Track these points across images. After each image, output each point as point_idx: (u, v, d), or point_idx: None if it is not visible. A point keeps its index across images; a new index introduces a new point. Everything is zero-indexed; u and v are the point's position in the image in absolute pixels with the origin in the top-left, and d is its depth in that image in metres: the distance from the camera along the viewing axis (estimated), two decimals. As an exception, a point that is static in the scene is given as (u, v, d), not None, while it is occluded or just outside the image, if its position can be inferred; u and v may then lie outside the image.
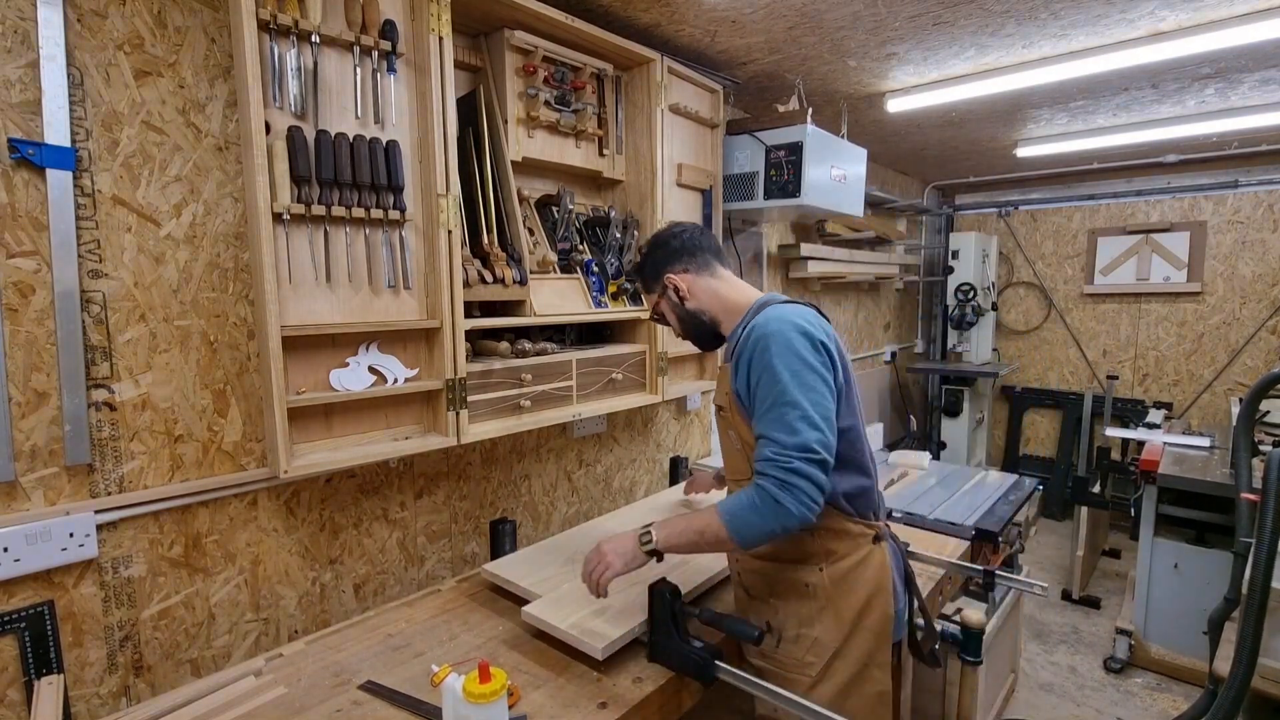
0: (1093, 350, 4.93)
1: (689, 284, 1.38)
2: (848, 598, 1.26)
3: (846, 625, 1.26)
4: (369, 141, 1.46)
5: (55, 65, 1.18)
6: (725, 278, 1.40)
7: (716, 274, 1.40)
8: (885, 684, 1.28)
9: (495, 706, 0.98)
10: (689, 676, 1.25)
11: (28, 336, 1.20)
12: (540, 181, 2.05)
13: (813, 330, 1.18)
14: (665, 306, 1.43)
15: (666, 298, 1.41)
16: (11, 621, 1.21)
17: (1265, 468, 1.77)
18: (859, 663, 1.26)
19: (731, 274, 1.42)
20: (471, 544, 2.03)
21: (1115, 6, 1.97)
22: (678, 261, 1.39)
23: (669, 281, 1.39)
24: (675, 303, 1.40)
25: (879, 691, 1.28)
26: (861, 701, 1.26)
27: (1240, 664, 1.77)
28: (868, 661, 1.27)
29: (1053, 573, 3.94)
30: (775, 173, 2.45)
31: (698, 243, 1.40)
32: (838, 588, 1.26)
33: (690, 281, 1.38)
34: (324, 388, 1.48)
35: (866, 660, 1.27)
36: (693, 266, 1.39)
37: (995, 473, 2.80)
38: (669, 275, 1.39)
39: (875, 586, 1.27)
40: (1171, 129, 3.34)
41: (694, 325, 1.40)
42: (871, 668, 1.27)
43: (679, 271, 1.39)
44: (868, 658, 1.27)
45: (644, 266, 1.45)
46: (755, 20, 2.04)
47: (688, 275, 1.38)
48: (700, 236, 1.42)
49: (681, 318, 1.41)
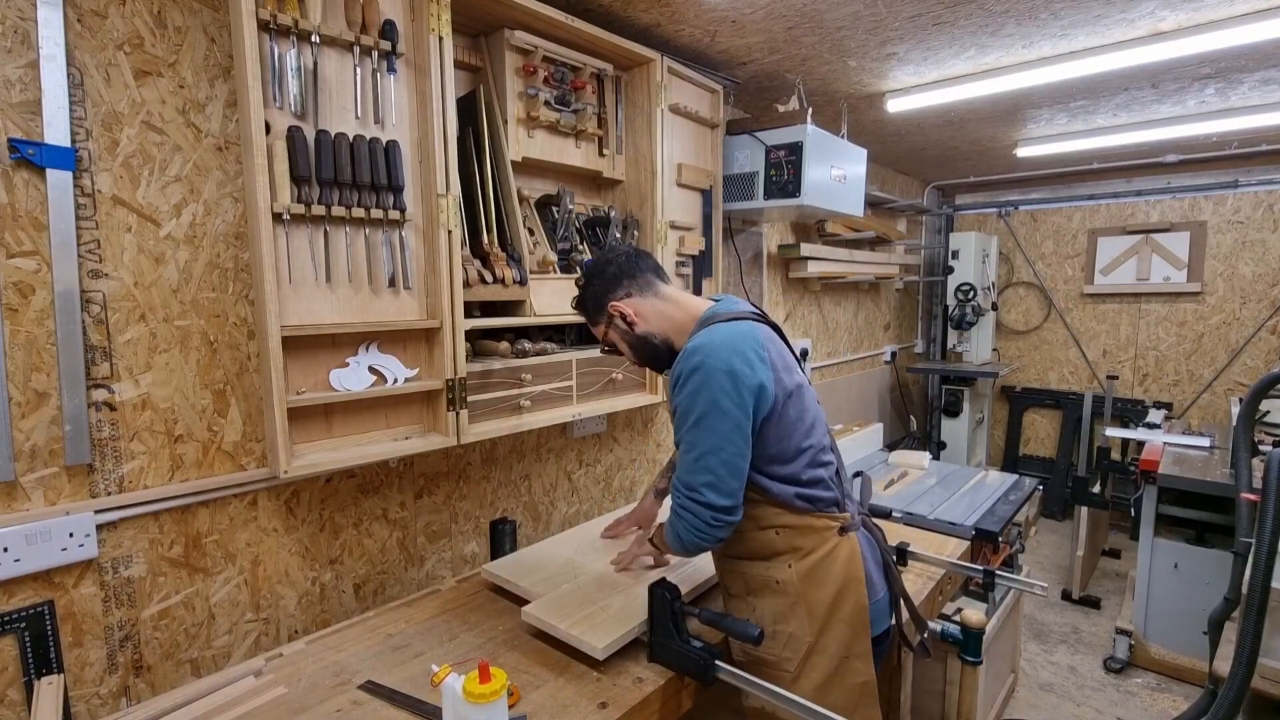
0: (1093, 350, 4.93)
1: (635, 308, 1.34)
2: (818, 591, 1.26)
3: (819, 619, 1.26)
4: (369, 141, 1.46)
5: (55, 65, 1.18)
6: (669, 295, 1.36)
7: (660, 293, 1.36)
8: (868, 674, 1.29)
9: (495, 706, 0.98)
10: (689, 676, 1.25)
11: (28, 336, 1.20)
12: (540, 181, 2.05)
13: (739, 369, 1.17)
14: (614, 336, 1.37)
15: (614, 327, 1.36)
16: (11, 621, 1.21)
17: (1265, 468, 1.77)
18: (837, 656, 1.27)
19: (675, 289, 1.39)
20: (471, 544, 2.03)
21: (1115, 6, 1.97)
22: (618, 288, 1.35)
23: (614, 310, 1.34)
24: (624, 329, 1.34)
25: (861, 682, 1.28)
26: (844, 694, 1.26)
27: (1240, 664, 1.77)
28: (846, 653, 1.27)
29: (1053, 573, 3.94)
30: (775, 173, 2.46)
31: (635, 265, 1.36)
32: (807, 582, 1.27)
33: (636, 305, 1.34)
34: (324, 388, 1.48)
35: (845, 652, 1.27)
36: (634, 289, 1.34)
37: (995, 473, 2.80)
38: (613, 304, 1.34)
39: (845, 578, 1.27)
40: (1171, 129, 3.34)
41: (647, 350, 1.36)
42: (851, 659, 1.27)
43: (621, 297, 1.34)
44: (845, 649, 1.27)
45: (585, 300, 1.39)
46: (755, 20, 2.04)
47: (632, 299, 1.34)
48: (636, 258, 1.37)
49: (633, 344, 1.36)
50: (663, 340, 1.34)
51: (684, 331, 1.31)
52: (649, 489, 1.83)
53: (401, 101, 1.54)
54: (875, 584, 1.33)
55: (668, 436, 2.78)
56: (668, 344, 1.34)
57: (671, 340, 1.34)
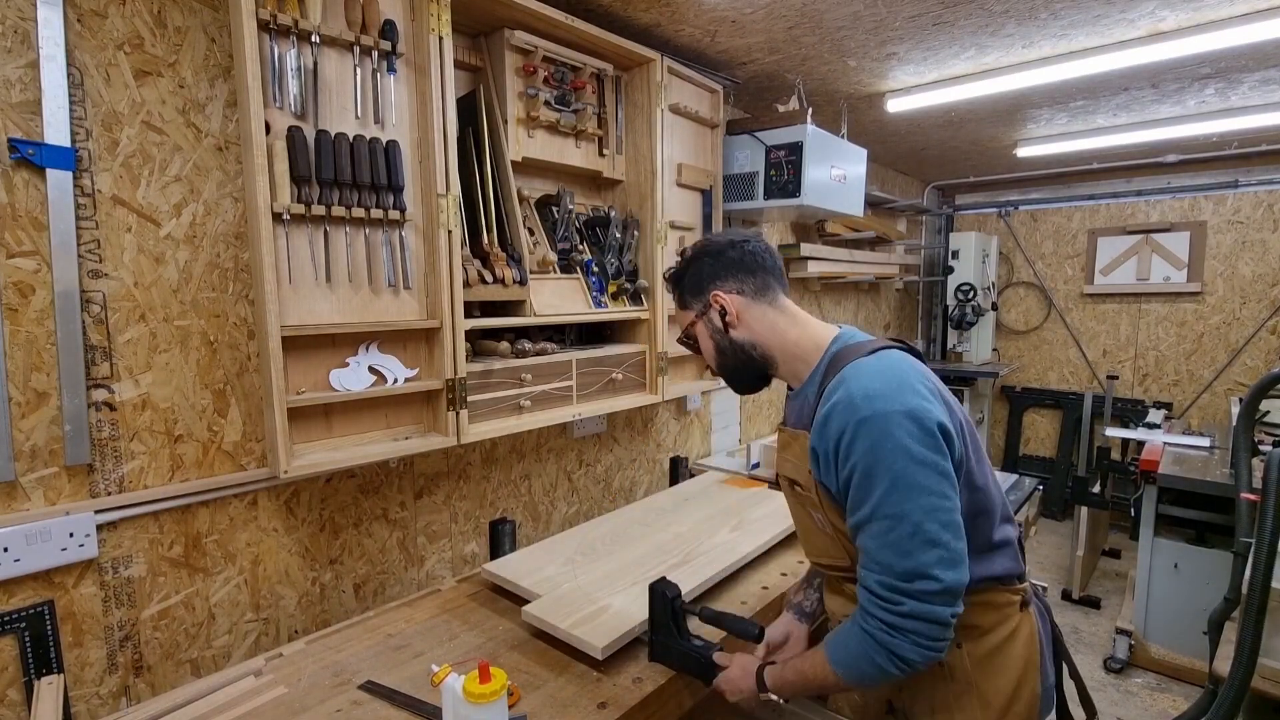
0: (1093, 350, 4.93)
1: (740, 308, 1.11)
2: (995, 680, 1.06)
3: (994, 712, 1.06)
4: (369, 141, 1.46)
5: (55, 65, 1.18)
6: (787, 309, 1.14)
7: (777, 303, 1.13)
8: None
9: (495, 706, 0.98)
10: (690, 676, 1.25)
11: (28, 336, 1.20)
12: (540, 181, 2.05)
13: (922, 408, 0.92)
14: (701, 329, 1.16)
15: (707, 319, 1.14)
16: (11, 621, 1.21)
17: (1265, 468, 1.77)
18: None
19: (796, 307, 1.15)
20: (471, 544, 2.03)
21: (1115, 6, 1.97)
22: (731, 277, 1.12)
23: (715, 300, 1.12)
24: (717, 327, 1.13)
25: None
26: None
27: (1240, 664, 1.77)
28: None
29: (1053, 573, 3.94)
30: (775, 173, 2.46)
31: (761, 261, 1.13)
32: (982, 669, 1.06)
33: (742, 306, 1.11)
34: (324, 388, 1.48)
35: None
36: (749, 287, 1.12)
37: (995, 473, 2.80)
38: (717, 292, 1.12)
39: (1026, 663, 1.08)
40: (1171, 129, 3.34)
41: (736, 360, 1.14)
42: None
43: (730, 290, 1.12)
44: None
45: (683, 275, 1.16)
46: (755, 20, 2.04)
47: (740, 297, 1.12)
48: (765, 254, 1.14)
49: (721, 347, 1.14)
50: (761, 356, 1.12)
51: (795, 359, 1.11)
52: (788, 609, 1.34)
53: (401, 101, 1.54)
54: (1048, 667, 1.15)
55: (668, 437, 2.78)
56: (767, 361, 1.13)
57: (774, 360, 1.13)
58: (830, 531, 1.08)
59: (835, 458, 0.96)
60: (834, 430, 0.95)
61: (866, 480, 0.92)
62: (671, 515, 1.98)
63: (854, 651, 0.95)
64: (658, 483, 2.73)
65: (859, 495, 0.94)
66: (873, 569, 0.93)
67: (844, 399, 0.95)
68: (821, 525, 1.09)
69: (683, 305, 1.19)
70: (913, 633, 0.89)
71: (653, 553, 1.71)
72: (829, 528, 1.07)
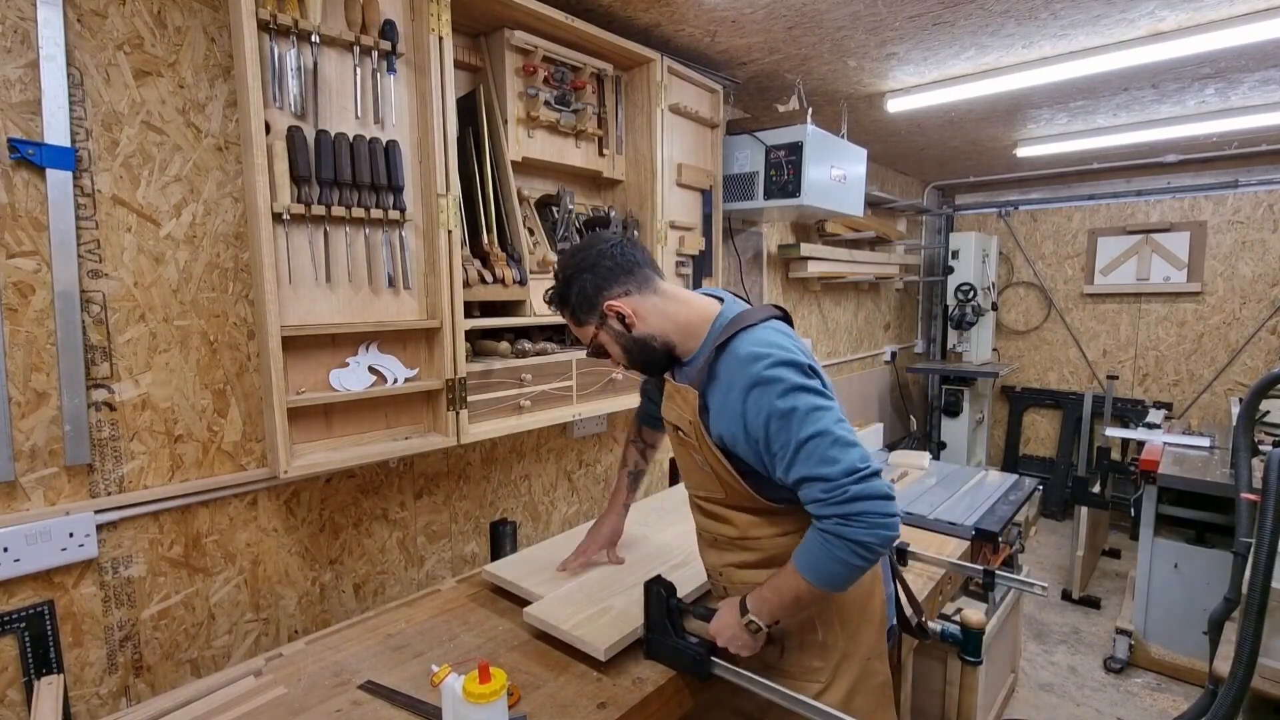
0: (1093, 350, 4.93)
1: (634, 307, 1.17)
2: (850, 595, 1.21)
3: (851, 623, 1.23)
4: (369, 141, 1.46)
5: (55, 65, 1.18)
6: (670, 293, 1.22)
7: (659, 290, 1.21)
8: (885, 673, 1.27)
9: (495, 707, 0.97)
10: (684, 672, 1.25)
11: (28, 336, 1.20)
12: (540, 181, 2.05)
13: (798, 358, 1.08)
14: (605, 337, 1.21)
15: (607, 328, 1.19)
16: (11, 621, 1.21)
17: (1265, 468, 1.77)
18: (863, 659, 1.24)
19: (672, 285, 1.24)
20: (471, 544, 2.03)
21: (1115, 6, 1.97)
22: (616, 283, 1.18)
23: (610, 309, 1.17)
24: (619, 331, 1.19)
25: (881, 683, 1.26)
26: (868, 697, 1.24)
27: (1240, 664, 1.77)
28: (870, 654, 1.25)
29: (1053, 573, 3.94)
30: (775, 173, 2.46)
31: (632, 257, 1.20)
32: None
33: (635, 304, 1.17)
34: (324, 388, 1.48)
35: (869, 654, 1.25)
36: (634, 286, 1.18)
37: (995, 473, 2.80)
38: (609, 302, 1.17)
39: (873, 575, 1.24)
40: (1171, 129, 3.34)
41: (645, 353, 1.21)
42: (873, 660, 1.25)
43: (619, 295, 1.17)
44: (871, 650, 1.24)
45: (568, 297, 1.20)
46: (755, 20, 2.04)
47: (631, 298, 1.18)
48: (632, 249, 1.21)
49: (628, 348, 1.21)
50: (663, 343, 1.20)
51: (690, 335, 1.20)
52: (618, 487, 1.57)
53: (401, 101, 1.54)
54: (888, 579, 1.31)
55: (668, 436, 2.77)
56: (668, 347, 1.21)
57: (673, 343, 1.21)
58: (707, 469, 1.21)
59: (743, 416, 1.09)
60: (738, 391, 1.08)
61: (782, 422, 1.05)
62: (672, 515, 1.98)
63: (818, 555, 1.05)
64: (658, 483, 2.73)
65: (778, 442, 1.06)
66: (813, 486, 1.04)
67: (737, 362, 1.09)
68: (700, 464, 1.23)
69: (579, 324, 1.23)
70: (862, 516, 1.00)
71: (654, 553, 1.71)
72: (706, 466, 1.21)
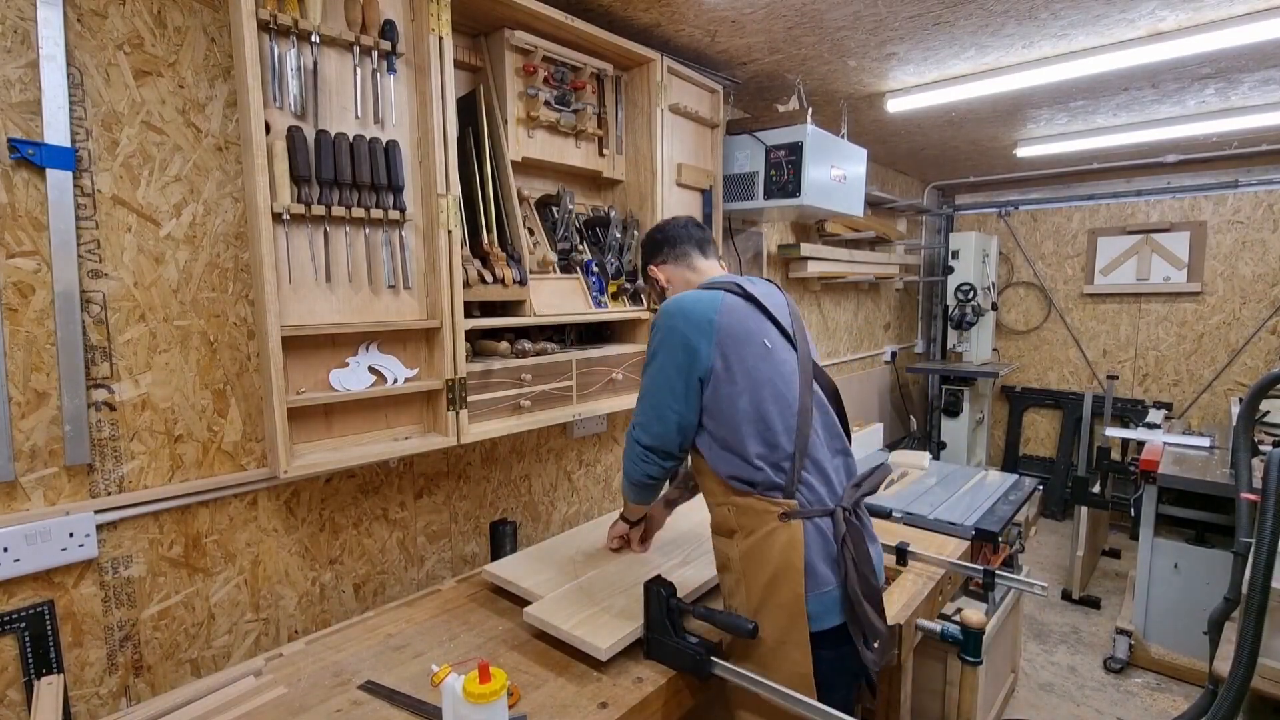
0: (1093, 350, 4.93)
1: (667, 275, 1.51)
2: (756, 572, 1.28)
3: (756, 599, 1.28)
4: (369, 141, 1.46)
5: (55, 65, 1.18)
6: (699, 268, 1.49)
7: (693, 265, 1.50)
8: (805, 666, 1.24)
9: (495, 706, 0.98)
10: (684, 672, 1.25)
11: (28, 336, 1.20)
12: (540, 181, 2.05)
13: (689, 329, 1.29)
14: (653, 290, 1.56)
15: (653, 283, 1.54)
16: (11, 621, 1.21)
17: (1265, 468, 1.77)
18: (774, 639, 1.26)
19: (712, 264, 1.51)
20: (471, 544, 2.03)
21: (1115, 6, 1.97)
22: (658, 254, 1.52)
23: (651, 274, 1.53)
24: (659, 294, 1.52)
25: (799, 673, 1.23)
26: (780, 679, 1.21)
27: (1240, 664, 1.77)
28: (783, 639, 1.25)
29: (1053, 573, 3.94)
30: (775, 173, 2.45)
31: (678, 234, 1.51)
32: (747, 561, 1.29)
33: (669, 273, 1.51)
34: (324, 388, 1.48)
35: (782, 637, 1.25)
36: (670, 258, 1.51)
37: (995, 473, 2.80)
38: (651, 268, 1.53)
39: (781, 564, 1.24)
40: (1171, 129, 3.34)
41: None
42: (788, 646, 1.24)
43: (658, 264, 1.52)
44: (783, 634, 1.25)
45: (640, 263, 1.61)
46: (755, 20, 2.04)
47: (666, 267, 1.51)
48: (683, 229, 1.52)
49: (662, 299, 1.49)
50: None
51: None
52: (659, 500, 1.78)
53: (401, 101, 1.54)
54: (820, 577, 1.25)
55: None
56: None
57: None
58: None
59: None
60: None
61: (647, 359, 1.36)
62: (672, 516, 1.98)
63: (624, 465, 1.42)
64: (658, 483, 2.73)
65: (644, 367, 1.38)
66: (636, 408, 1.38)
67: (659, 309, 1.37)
68: None
69: (645, 279, 1.60)
70: (628, 453, 1.39)
71: (654, 553, 1.72)
72: None
